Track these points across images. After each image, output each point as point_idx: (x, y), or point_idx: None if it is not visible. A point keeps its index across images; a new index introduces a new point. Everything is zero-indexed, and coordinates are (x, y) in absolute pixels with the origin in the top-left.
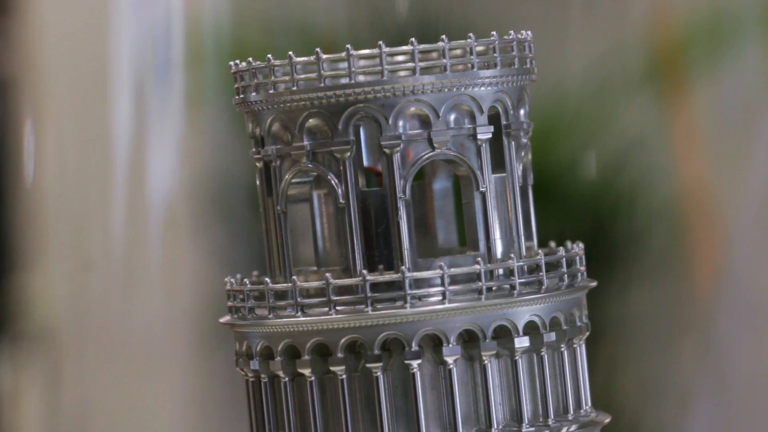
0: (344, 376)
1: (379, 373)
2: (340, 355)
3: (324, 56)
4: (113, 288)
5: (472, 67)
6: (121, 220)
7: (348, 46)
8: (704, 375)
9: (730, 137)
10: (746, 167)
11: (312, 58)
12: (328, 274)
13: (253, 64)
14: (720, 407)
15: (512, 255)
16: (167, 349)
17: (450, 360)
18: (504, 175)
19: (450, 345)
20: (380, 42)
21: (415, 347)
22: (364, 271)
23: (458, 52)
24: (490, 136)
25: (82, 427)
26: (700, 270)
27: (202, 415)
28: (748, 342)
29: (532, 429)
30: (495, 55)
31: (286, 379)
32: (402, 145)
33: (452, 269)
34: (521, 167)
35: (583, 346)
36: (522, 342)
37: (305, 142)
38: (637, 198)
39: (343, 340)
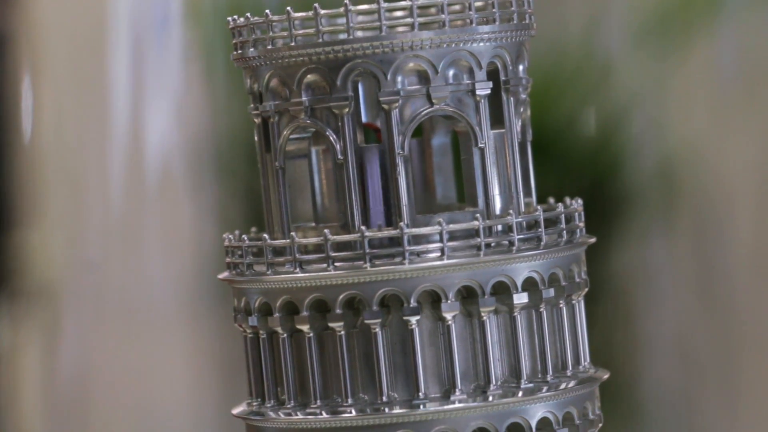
0: (343, 333)
1: (377, 330)
2: (338, 311)
3: (322, 12)
4: (111, 245)
5: (471, 22)
6: (119, 177)
7: (346, 1)
8: (704, 331)
9: (730, 93)
10: (745, 123)
11: (310, 13)
12: (326, 230)
13: (251, 19)
14: (720, 363)
15: (511, 211)
16: (166, 306)
17: (449, 316)
18: (503, 131)
19: (449, 301)
20: None
21: (413, 303)
22: (363, 227)
23: (457, 7)
24: (488, 91)
25: (80, 385)
26: (699, 226)
27: (201, 371)
28: (748, 297)
29: (531, 385)
30: (494, 10)
31: (285, 335)
32: (400, 101)
33: (451, 225)
34: (520, 123)
35: (582, 303)
36: (521, 298)
37: (303, 98)
38: (636, 154)
39: (341, 297)
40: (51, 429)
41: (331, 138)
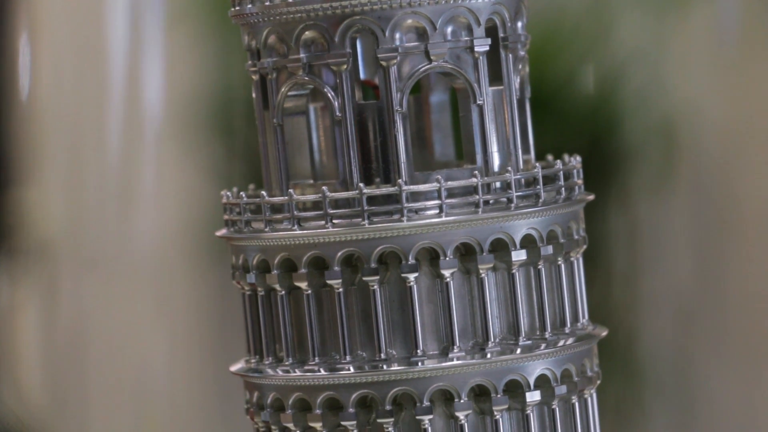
0: (341, 290)
1: (375, 287)
2: (336, 268)
3: None
4: (109, 202)
5: None
6: (116, 135)
7: None
8: (702, 288)
9: (730, 49)
10: (744, 80)
11: None
12: (324, 188)
13: None
14: (717, 320)
15: (509, 168)
16: (164, 263)
17: (447, 273)
18: (501, 88)
19: (447, 258)
20: None
21: (411, 260)
22: (361, 185)
23: None
24: (487, 48)
25: (78, 341)
26: (697, 183)
27: (199, 329)
28: (747, 257)
29: (529, 342)
30: None
31: (283, 292)
32: (399, 58)
33: (449, 182)
34: (518, 80)
35: (581, 260)
36: (519, 255)
37: (302, 55)
38: (635, 111)
39: (339, 254)
40: (49, 385)
41: (329, 95)
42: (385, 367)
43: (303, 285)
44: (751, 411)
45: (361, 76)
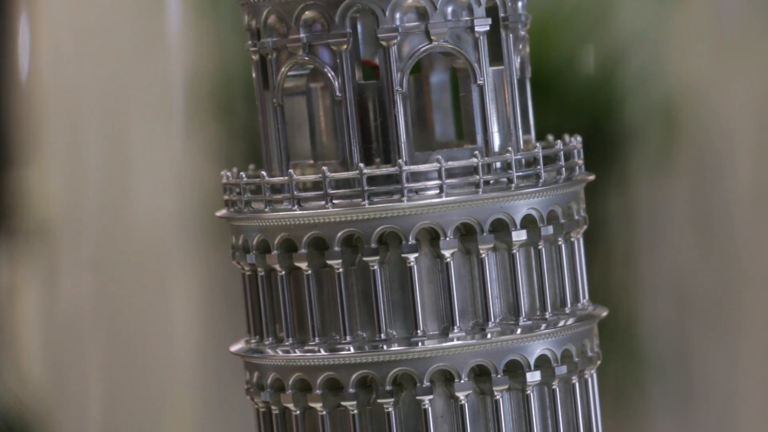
0: (341, 270)
1: (376, 267)
2: (336, 248)
3: None
4: (109, 182)
5: None
6: (116, 115)
7: None
8: (702, 269)
9: (730, 31)
10: (745, 61)
11: None
12: (324, 168)
13: None
14: (717, 301)
15: (510, 148)
16: (164, 244)
17: (447, 253)
18: (501, 68)
19: (447, 238)
20: None
21: (412, 241)
22: (361, 165)
23: None
24: (487, 28)
25: (78, 322)
26: (698, 164)
27: (199, 309)
28: (746, 235)
29: (529, 322)
30: None
31: (283, 272)
32: (399, 38)
33: (449, 162)
34: (519, 60)
35: (581, 240)
36: (519, 235)
37: (302, 35)
38: (635, 92)
39: (339, 234)
40: (49, 366)
41: (329, 75)
42: (385, 347)
43: (303, 265)
44: (749, 391)
45: (361, 56)
